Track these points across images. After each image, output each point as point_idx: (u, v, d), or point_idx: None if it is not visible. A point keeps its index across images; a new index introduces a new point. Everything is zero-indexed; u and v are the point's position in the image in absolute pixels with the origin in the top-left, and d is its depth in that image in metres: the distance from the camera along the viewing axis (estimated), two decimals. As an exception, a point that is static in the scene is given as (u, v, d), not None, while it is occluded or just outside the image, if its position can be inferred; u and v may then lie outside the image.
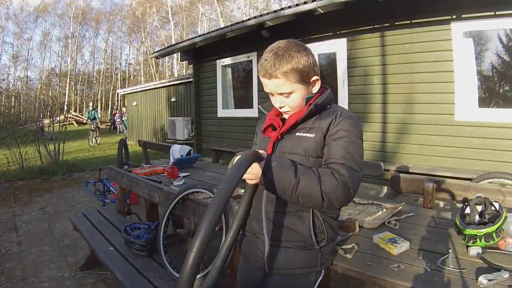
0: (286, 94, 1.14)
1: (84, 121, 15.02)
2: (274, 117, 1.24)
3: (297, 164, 1.03)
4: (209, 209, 0.86)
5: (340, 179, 1.00)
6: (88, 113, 14.43)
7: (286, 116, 1.21)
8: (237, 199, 2.19)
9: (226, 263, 1.05)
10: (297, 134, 1.16)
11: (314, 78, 1.16)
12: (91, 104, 15.72)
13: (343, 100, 5.35)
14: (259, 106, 1.34)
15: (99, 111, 19.23)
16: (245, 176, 1.00)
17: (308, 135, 1.14)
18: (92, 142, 13.02)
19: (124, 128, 16.03)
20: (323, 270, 1.20)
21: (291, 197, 1.01)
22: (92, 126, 13.41)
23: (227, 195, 0.88)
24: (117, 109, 23.20)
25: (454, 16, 4.20)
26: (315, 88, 1.19)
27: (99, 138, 13.37)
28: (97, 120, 14.65)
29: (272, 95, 1.18)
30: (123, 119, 16.05)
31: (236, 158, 1.11)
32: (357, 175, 1.04)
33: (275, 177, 1.00)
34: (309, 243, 1.15)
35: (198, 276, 1.86)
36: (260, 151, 1.05)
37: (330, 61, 5.80)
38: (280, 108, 1.18)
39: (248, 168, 0.98)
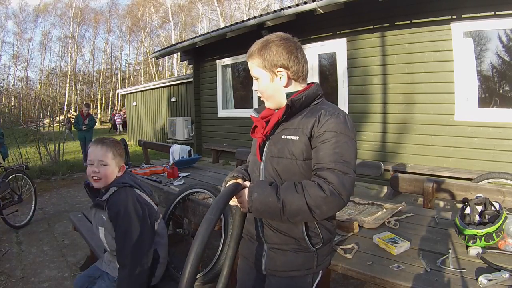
0: (255, 77, 1.19)
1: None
2: (259, 119, 1.20)
3: (278, 187, 1.03)
4: (192, 248, 0.88)
5: (329, 190, 0.97)
6: (78, 122, 7.40)
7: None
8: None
9: (231, 269, 1.11)
10: (283, 137, 1.13)
11: (280, 69, 1.13)
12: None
13: (343, 100, 5.35)
14: (252, 110, 1.29)
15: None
16: (238, 205, 1.10)
17: (292, 137, 1.11)
18: None
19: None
20: (320, 271, 1.20)
21: (282, 220, 1.03)
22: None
23: (213, 222, 0.92)
24: (117, 109, 22.91)
25: (454, 16, 4.20)
26: (283, 79, 1.14)
27: None
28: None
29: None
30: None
31: (223, 186, 1.21)
32: (347, 179, 1.00)
33: (260, 207, 1.02)
34: (304, 246, 1.15)
35: (198, 276, 1.86)
36: (241, 184, 1.10)
37: (330, 61, 5.81)
38: (257, 91, 1.22)
39: (228, 202, 1.03)
